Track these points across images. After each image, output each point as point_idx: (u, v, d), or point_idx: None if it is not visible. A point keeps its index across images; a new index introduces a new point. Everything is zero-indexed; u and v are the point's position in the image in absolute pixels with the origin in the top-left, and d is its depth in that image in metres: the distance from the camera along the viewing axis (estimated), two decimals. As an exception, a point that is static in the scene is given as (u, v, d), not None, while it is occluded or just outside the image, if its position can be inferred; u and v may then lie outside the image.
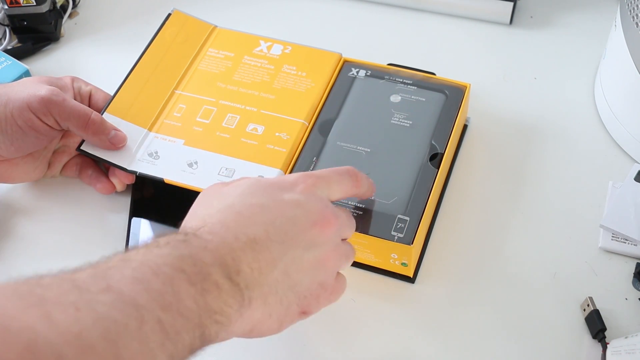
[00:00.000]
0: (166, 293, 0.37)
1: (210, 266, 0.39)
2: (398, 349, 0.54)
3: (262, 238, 0.42)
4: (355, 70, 0.67)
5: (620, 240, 0.58)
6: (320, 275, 0.46)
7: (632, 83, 0.61)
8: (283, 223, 0.43)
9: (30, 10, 0.74)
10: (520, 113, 0.69)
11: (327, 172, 0.49)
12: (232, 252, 0.41)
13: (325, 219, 0.45)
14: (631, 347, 0.50)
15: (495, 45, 0.75)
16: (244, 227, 0.42)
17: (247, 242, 0.42)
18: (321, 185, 0.47)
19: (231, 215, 0.43)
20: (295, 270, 0.44)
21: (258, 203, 0.44)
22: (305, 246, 0.44)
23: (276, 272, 0.43)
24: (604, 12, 0.77)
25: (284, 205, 0.44)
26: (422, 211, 0.57)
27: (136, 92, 0.65)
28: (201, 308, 0.38)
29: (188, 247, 0.40)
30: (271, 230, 0.43)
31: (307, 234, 0.44)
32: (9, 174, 0.61)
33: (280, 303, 0.43)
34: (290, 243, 0.43)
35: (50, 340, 0.31)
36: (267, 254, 0.42)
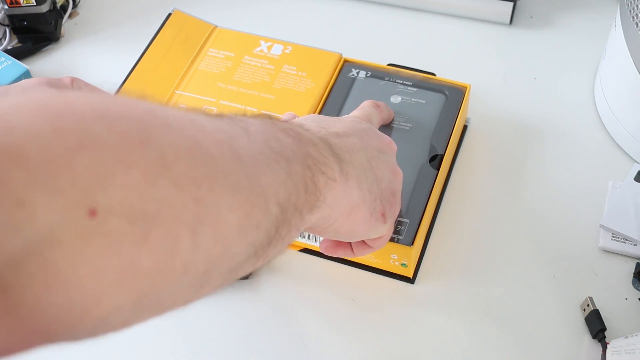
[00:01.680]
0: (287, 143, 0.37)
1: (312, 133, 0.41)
2: (398, 349, 0.54)
3: (344, 133, 0.46)
4: (356, 71, 0.67)
5: (620, 240, 0.58)
6: (394, 183, 0.49)
7: (632, 83, 0.61)
8: (358, 129, 0.48)
9: (31, 10, 0.74)
10: (520, 113, 0.69)
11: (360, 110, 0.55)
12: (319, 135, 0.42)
13: (389, 140, 0.50)
14: (631, 347, 0.50)
15: (495, 46, 0.75)
16: (324, 127, 0.45)
17: (330, 133, 0.44)
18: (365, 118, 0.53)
19: (309, 123, 0.45)
20: (377, 165, 0.47)
21: (329, 118, 0.48)
22: (379, 150, 0.48)
23: (363, 158, 0.45)
24: (604, 12, 0.77)
25: (352, 121, 0.49)
26: (422, 212, 0.57)
27: (136, 92, 0.65)
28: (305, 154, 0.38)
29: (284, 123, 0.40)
30: (350, 130, 0.47)
31: (378, 142, 0.48)
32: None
33: (370, 192, 0.45)
34: (366, 142, 0.47)
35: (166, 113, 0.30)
36: (351, 143, 0.45)
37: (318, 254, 0.59)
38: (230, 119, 0.36)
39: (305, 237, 0.58)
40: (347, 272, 0.59)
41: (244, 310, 0.57)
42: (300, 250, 0.60)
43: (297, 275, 0.59)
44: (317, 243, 0.58)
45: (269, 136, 0.36)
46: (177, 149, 0.28)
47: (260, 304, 0.57)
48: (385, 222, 0.48)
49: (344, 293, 0.57)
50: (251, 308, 0.57)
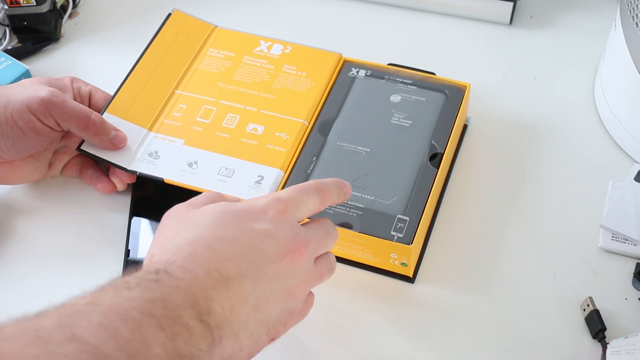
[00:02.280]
0: (134, 340, 0.36)
1: (181, 308, 0.38)
2: (398, 348, 0.54)
3: (234, 274, 0.41)
4: (355, 70, 0.67)
5: (620, 240, 0.58)
6: (290, 304, 0.45)
7: (632, 83, 0.61)
8: (254, 256, 0.43)
9: (31, 10, 0.74)
10: (520, 113, 0.69)
11: (294, 193, 0.47)
12: (204, 291, 0.40)
13: (295, 249, 0.44)
14: (631, 347, 0.50)
15: (495, 45, 0.75)
16: (215, 262, 0.41)
17: (219, 279, 0.41)
18: (291, 208, 0.46)
19: (201, 249, 0.42)
20: (265, 304, 0.43)
21: (228, 235, 0.43)
22: (275, 278, 0.43)
23: (247, 307, 0.42)
24: (604, 12, 0.77)
25: (255, 237, 0.43)
26: (421, 211, 0.57)
27: (136, 92, 0.65)
28: (170, 354, 0.37)
29: (160, 287, 0.39)
30: (242, 266, 0.42)
31: (277, 266, 0.44)
32: (9, 176, 0.61)
33: (251, 337, 0.43)
34: (261, 277, 0.43)
35: None
36: (238, 290, 0.41)
37: (318, 254, 0.59)
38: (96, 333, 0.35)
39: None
40: (347, 272, 0.59)
41: (244, 310, 0.57)
42: (300, 250, 0.60)
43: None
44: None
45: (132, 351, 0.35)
46: None
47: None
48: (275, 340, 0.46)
49: (343, 293, 0.57)
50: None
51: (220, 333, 0.40)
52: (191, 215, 0.45)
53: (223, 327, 0.40)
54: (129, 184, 0.63)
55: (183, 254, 0.41)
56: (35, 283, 0.59)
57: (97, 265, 0.59)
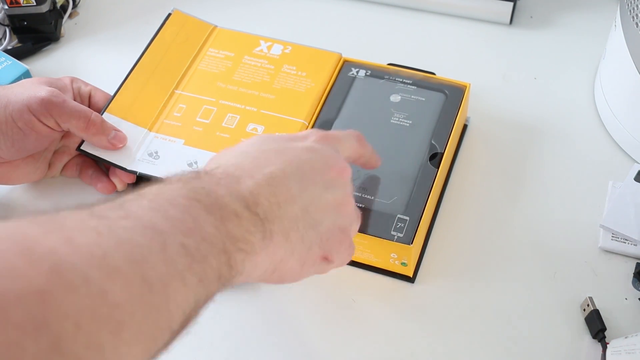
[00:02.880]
0: (185, 220, 0.36)
1: (225, 197, 0.39)
2: (398, 348, 0.54)
3: (280, 175, 0.42)
4: (355, 70, 0.67)
5: (620, 240, 0.58)
6: (340, 219, 0.46)
7: (632, 83, 0.61)
8: (300, 164, 0.44)
9: (31, 10, 0.74)
10: (520, 113, 0.69)
11: (335, 131, 0.50)
12: (247, 187, 0.40)
13: (342, 164, 0.46)
14: (631, 347, 0.50)
15: (495, 45, 0.75)
16: (260, 167, 0.42)
17: (263, 178, 0.42)
18: (332, 139, 0.48)
19: (247, 159, 0.43)
20: (315, 209, 0.44)
21: (273, 148, 0.45)
22: (324, 186, 0.44)
23: (296, 207, 0.42)
24: (604, 12, 0.77)
25: (300, 150, 0.45)
26: (421, 211, 0.57)
27: (136, 92, 0.65)
28: (223, 234, 0.37)
29: (201, 181, 0.39)
30: (288, 169, 0.43)
31: (324, 175, 0.45)
32: (9, 176, 0.61)
33: (302, 241, 0.43)
34: (308, 182, 0.44)
35: (75, 263, 0.30)
36: (285, 189, 0.42)
37: (318, 254, 0.59)
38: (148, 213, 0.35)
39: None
40: (347, 272, 0.59)
41: (244, 310, 0.57)
42: (300, 250, 0.60)
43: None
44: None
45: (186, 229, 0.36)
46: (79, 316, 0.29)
47: (260, 304, 0.57)
48: (330, 263, 0.46)
49: (344, 293, 0.57)
50: (251, 308, 0.57)
51: (270, 227, 0.40)
52: (238, 144, 0.47)
53: (272, 222, 0.41)
54: (129, 184, 0.63)
55: (227, 164, 0.42)
56: (35, 283, 0.59)
57: (97, 265, 0.59)
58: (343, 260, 0.48)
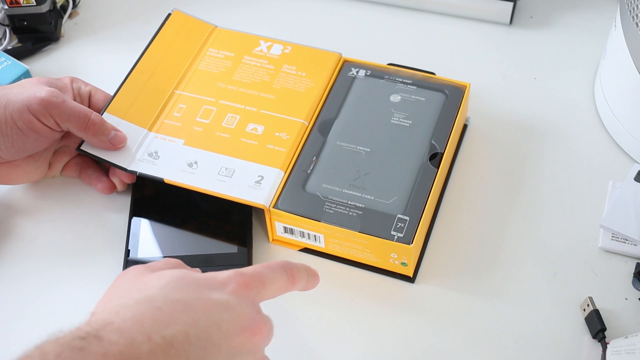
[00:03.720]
0: None
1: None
2: (398, 348, 0.54)
3: (181, 341, 0.37)
4: (355, 70, 0.67)
5: (620, 240, 0.58)
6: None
7: (632, 83, 0.61)
8: (207, 326, 0.38)
9: (31, 10, 0.74)
10: (520, 113, 0.69)
11: (261, 269, 0.44)
12: (139, 357, 0.36)
13: (255, 326, 0.41)
14: (631, 347, 0.50)
15: (495, 45, 0.75)
16: (161, 326, 0.37)
17: (161, 344, 0.36)
18: (254, 285, 0.42)
19: (149, 311, 0.38)
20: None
21: (182, 299, 0.39)
22: (228, 355, 0.39)
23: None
24: (604, 12, 0.77)
25: (211, 306, 0.39)
26: (421, 211, 0.57)
27: (136, 92, 0.65)
28: None
29: (83, 356, 0.34)
30: (192, 333, 0.38)
31: (233, 341, 0.39)
32: (9, 176, 0.61)
33: None
34: (212, 350, 0.38)
35: None
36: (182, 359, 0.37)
37: (318, 254, 0.59)
38: None
39: (305, 237, 0.58)
40: (347, 272, 0.59)
41: (244, 310, 0.57)
42: (300, 250, 0.60)
43: (297, 275, 0.59)
44: (317, 243, 0.58)
45: None
46: None
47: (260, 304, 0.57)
48: None
49: (344, 293, 0.57)
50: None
51: None
52: (146, 276, 0.42)
53: None
54: (129, 184, 0.63)
55: (126, 314, 0.37)
56: (35, 283, 0.59)
57: (97, 265, 0.59)
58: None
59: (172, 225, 0.61)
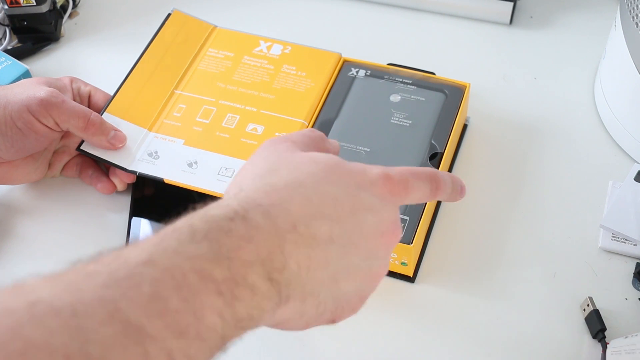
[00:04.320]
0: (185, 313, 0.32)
1: (249, 266, 0.35)
2: (398, 348, 0.54)
3: (324, 236, 0.38)
4: (355, 70, 0.67)
5: (620, 240, 0.58)
6: (367, 289, 0.42)
7: (632, 83, 0.61)
8: (351, 225, 0.39)
9: (31, 10, 0.74)
10: (520, 113, 0.69)
11: (407, 175, 0.43)
12: (282, 245, 0.36)
13: (393, 231, 0.42)
14: (631, 347, 0.50)
15: (495, 45, 0.75)
16: (307, 217, 0.37)
17: (304, 235, 0.37)
18: (399, 192, 0.42)
19: (298, 198, 0.38)
20: (344, 278, 0.39)
21: (331, 192, 0.39)
22: (365, 256, 0.40)
23: (325, 274, 0.38)
24: (604, 12, 0.77)
25: (358, 205, 0.39)
26: (421, 211, 0.57)
27: (136, 92, 0.65)
28: (226, 321, 0.34)
29: (229, 240, 0.35)
30: (336, 230, 0.38)
31: (370, 243, 0.40)
32: (9, 176, 0.61)
33: (317, 307, 0.39)
34: (351, 249, 0.39)
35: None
36: (322, 254, 0.38)
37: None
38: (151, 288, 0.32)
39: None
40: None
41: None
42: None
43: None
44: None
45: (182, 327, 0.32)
46: None
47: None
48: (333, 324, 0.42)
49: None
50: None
51: (288, 292, 0.37)
52: (297, 156, 0.41)
53: (294, 287, 0.37)
54: (129, 184, 0.63)
55: (274, 197, 0.37)
56: (35, 283, 0.59)
57: (97, 265, 0.59)
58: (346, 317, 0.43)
59: (172, 225, 0.61)
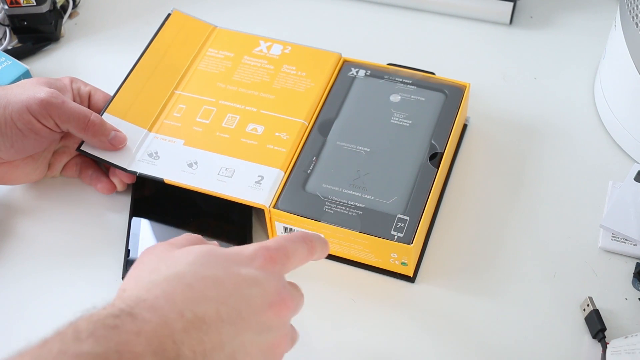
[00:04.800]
0: None
1: (140, 358, 0.34)
2: (398, 348, 0.54)
3: (212, 317, 0.38)
4: (355, 70, 0.67)
5: (620, 240, 0.58)
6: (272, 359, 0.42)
7: (632, 83, 0.61)
8: (237, 302, 0.39)
9: (31, 10, 0.74)
10: (520, 113, 0.69)
11: (284, 242, 0.44)
12: (172, 335, 0.36)
13: (282, 301, 0.41)
14: (631, 347, 0.50)
15: (495, 45, 0.75)
16: (192, 303, 0.38)
17: (193, 320, 0.37)
18: (279, 259, 0.43)
19: (179, 287, 0.38)
20: (243, 355, 0.39)
21: (212, 275, 0.39)
22: (257, 330, 0.40)
23: (222, 355, 0.38)
24: (604, 12, 0.77)
25: (241, 281, 0.40)
26: (421, 211, 0.57)
27: (136, 92, 0.65)
28: None
29: (117, 335, 0.35)
30: (223, 310, 0.38)
31: (261, 316, 0.40)
32: (9, 176, 0.61)
33: None
34: (242, 325, 0.39)
35: None
36: (215, 336, 0.38)
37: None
38: None
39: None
40: (347, 272, 0.59)
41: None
42: (300, 250, 0.60)
43: (297, 275, 0.59)
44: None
45: None
46: None
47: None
48: None
49: (344, 292, 0.57)
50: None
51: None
52: (173, 252, 0.42)
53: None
54: (129, 184, 0.63)
55: (157, 291, 0.38)
56: (35, 283, 0.59)
57: (97, 266, 0.59)
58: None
59: (172, 225, 0.61)
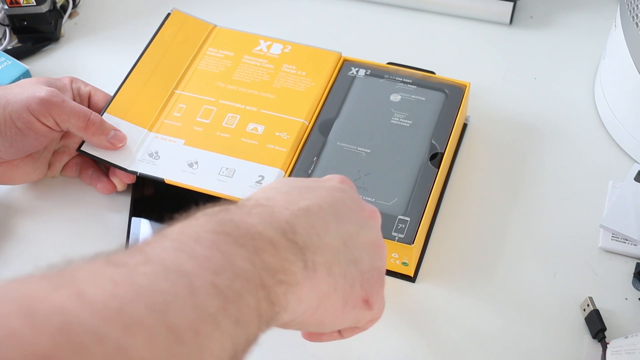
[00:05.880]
0: (214, 257, 0.33)
1: (259, 225, 0.36)
2: (398, 348, 0.54)
3: (315, 209, 0.40)
4: (355, 70, 0.67)
5: (620, 240, 0.58)
6: (378, 260, 0.43)
7: (632, 83, 0.61)
8: (333, 202, 0.42)
9: (31, 10, 0.74)
10: (520, 113, 0.69)
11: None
12: (283, 217, 0.38)
13: (370, 209, 0.45)
14: (631, 347, 0.50)
15: (495, 45, 0.75)
16: (294, 201, 0.40)
17: (299, 210, 0.39)
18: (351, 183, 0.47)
19: (278, 194, 0.40)
20: (353, 245, 0.41)
21: (303, 186, 0.42)
22: (359, 224, 0.42)
23: (336, 240, 0.40)
24: (604, 12, 0.77)
25: (330, 189, 0.43)
26: (422, 211, 0.57)
27: (136, 92, 0.65)
28: (259, 267, 0.34)
29: (229, 213, 0.36)
30: (323, 204, 0.41)
31: (358, 214, 0.43)
32: (9, 176, 0.61)
33: (345, 277, 0.40)
34: (344, 218, 0.41)
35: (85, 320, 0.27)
36: (322, 222, 0.39)
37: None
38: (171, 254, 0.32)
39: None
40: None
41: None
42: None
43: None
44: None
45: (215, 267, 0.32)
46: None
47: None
48: (370, 308, 0.43)
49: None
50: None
51: (312, 257, 0.38)
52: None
53: (314, 251, 0.38)
54: (129, 184, 0.63)
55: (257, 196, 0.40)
56: (35, 283, 0.59)
57: (97, 265, 0.59)
58: (380, 308, 0.44)
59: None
